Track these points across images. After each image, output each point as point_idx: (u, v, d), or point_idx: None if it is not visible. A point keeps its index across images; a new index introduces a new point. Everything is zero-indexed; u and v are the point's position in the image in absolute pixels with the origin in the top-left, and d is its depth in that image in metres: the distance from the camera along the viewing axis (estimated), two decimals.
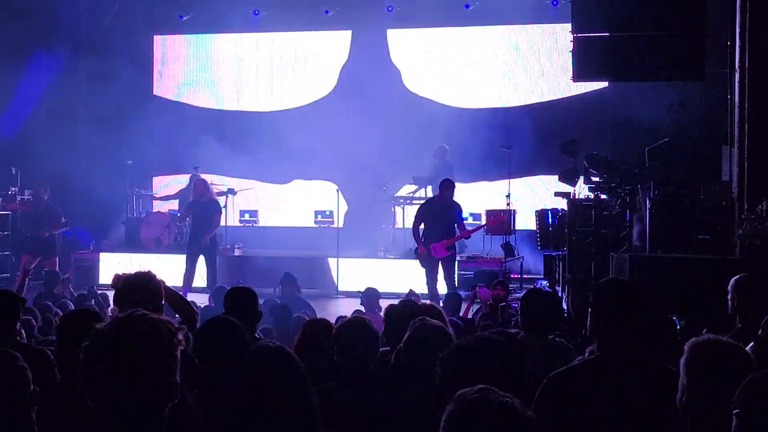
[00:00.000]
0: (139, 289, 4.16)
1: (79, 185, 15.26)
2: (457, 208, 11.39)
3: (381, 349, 4.67)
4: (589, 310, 3.32)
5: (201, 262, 12.49)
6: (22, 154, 15.46)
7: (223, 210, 15.79)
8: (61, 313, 7.70)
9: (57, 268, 12.47)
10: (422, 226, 11.28)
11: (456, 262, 11.60)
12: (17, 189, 15.37)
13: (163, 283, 4.81)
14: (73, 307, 8.66)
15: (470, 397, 2.11)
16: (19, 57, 15.43)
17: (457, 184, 11.63)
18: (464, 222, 11.82)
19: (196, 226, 12.65)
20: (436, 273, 11.22)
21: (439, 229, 11.15)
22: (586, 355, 3.92)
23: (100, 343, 2.22)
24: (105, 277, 13.71)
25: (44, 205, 12.91)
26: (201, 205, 12.56)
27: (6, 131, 15.60)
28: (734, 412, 2.41)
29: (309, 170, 16.86)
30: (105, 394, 2.19)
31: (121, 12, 16.79)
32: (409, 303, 5.03)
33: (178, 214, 14.39)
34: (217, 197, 13.24)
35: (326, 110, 16.71)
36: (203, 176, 15.72)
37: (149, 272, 4.36)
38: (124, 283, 4.25)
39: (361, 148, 15.48)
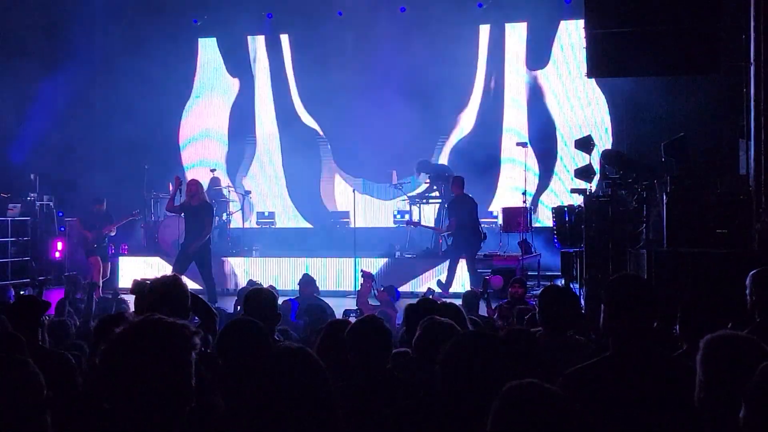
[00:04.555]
0: (164, 295, 4.17)
1: (97, 190, 15.36)
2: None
3: (401, 350, 4.68)
4: (602, 306, 3.32)
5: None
6: (41, 160, 15.60)
7: (240, 212, 15.98)
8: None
9: (101, 270, 13.11)
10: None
11: (473, 258, 12.10)
12: (36, 195, 15.51)
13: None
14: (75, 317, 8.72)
15: (518, 390, 2.14)
16: (39, 65, 15.57)
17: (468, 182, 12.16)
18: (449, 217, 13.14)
19: (188, 230, 11.84)
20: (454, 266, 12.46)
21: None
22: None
23: (116, 347, 2.24)
24: (124, 281, 13.80)
25: (105, 211, 13.67)
26: (192, 209, 11.77)
27: (25, 139, 15.75)
28: (745, 403, 2.40)
29: (326, 170, 16.95)
30: (121, 398, 2.21)
31: (135, 20, 16.88)
32: (427, 302, 5.03)
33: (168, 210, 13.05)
34: (207, 199, 12.42)
35: (341, 111, 16.77)
36: (218, 177, 15.92)
37: (176, 277, 4.36)
38: (150, 289, 4.24)
39: (378, 147, 15.53)
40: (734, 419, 2.58)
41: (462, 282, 12.54)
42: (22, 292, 9.60)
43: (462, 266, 12.56)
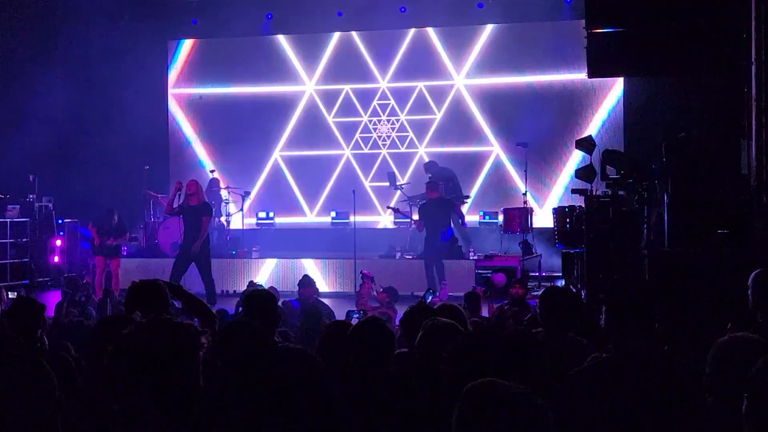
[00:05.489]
0: (144, 296, 4.24)
1: (96, 191, 15.36)
2: None
3: (403, 351, 4.66)
4: (604, 308, 3.31)
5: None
6: (39, 161, 15.58)
7: (246, 213, 15.97)
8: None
9: (119, 269, 13.17)
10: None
11: (443, 249, 12.79)
12: (35, 196, 15.49)
13: (181, 287, 4.86)
14: (94, 313, 8.74)
15: (477, 389, 2.12)
16: (35, 64, 15.57)
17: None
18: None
19: (186, 230, 12.02)
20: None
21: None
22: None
23: (123, 349, 2.24)
24: (123, 282, 13.76)
25: (116, 222, 13.36)
26: (189, 209, 11.91)
27: (22, 139, 15.74)
28: (746, 395, 2.38)
29: (326, 172, 16.94)
30: (129, 397, 2.21)
31: (133, 20, 16.85)
32: (424, 305, 5.01)
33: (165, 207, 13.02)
34: (206, 199, 12.59)
35: (339, 110, 16.79)
36: (217, 178, 15.92)
37: (156, 280, 4.43)
38: (129, 292, 4.32)
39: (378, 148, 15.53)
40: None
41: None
42: (12, 294, 9.56)
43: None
